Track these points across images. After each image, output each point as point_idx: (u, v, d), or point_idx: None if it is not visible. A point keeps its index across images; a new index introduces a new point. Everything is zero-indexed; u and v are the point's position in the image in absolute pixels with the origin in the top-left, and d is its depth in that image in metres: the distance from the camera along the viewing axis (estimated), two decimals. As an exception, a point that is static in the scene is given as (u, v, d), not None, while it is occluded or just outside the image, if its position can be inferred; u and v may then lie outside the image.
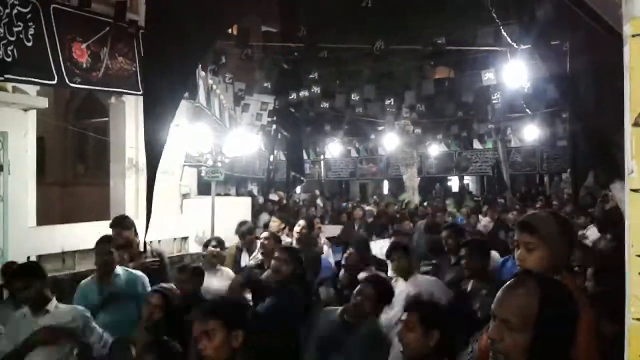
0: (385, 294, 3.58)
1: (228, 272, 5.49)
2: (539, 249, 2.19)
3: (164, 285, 3.75)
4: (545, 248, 2.17)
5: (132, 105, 7.92)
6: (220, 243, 5.64)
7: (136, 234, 5.28)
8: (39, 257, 6.10)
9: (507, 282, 1.67)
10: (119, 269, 4.40)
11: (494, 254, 5.66)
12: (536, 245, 2.19)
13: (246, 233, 6.34)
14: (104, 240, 4.45)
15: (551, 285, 1.65)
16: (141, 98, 7.51)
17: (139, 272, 4.51)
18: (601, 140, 4.23)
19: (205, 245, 5.76)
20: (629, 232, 1.24)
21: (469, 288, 3.91)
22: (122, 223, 5.22)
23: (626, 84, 1.26)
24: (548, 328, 1.54)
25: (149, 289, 4.15)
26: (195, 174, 9.35)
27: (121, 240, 5.02)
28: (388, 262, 4.45)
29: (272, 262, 4.14)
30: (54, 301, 3.55)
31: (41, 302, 3.48)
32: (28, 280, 3.47)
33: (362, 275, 4.11)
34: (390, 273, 4.37)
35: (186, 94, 7.58)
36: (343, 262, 5.03)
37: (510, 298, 1.61)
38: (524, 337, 1.56)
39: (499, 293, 1.65)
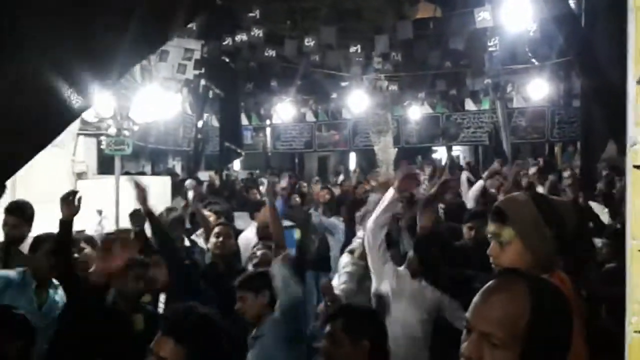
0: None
1: None
2: (512, 242, 2.25)
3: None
4: (520, 241, 2.23)
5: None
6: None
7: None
8: None
9: (487, 284, 1.66)
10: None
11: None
12: (508, 237, 2.26)
13: (176, 223, 6.35)
14: None
15: (543, 288, 1.64)
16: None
17: None
18: (621, 99, 4.33)
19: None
20: (630, 221, 1.26)
21: None
22: (26, 213, 5.20)
23: (630, 29, 1.29)
24: (541, 343, 1.55)
25: None
26: (94, 147, 9.19)
27: (18, 235, 5.07)
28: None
29: None
30: None
31: None
32: None
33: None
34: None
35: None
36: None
37: (493, 305, 1.59)
38: (510, 355, 1.55)
39: (476, 298, 1.64)
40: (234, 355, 3.35)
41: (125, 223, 7.49)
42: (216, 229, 5.42)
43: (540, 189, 9.29)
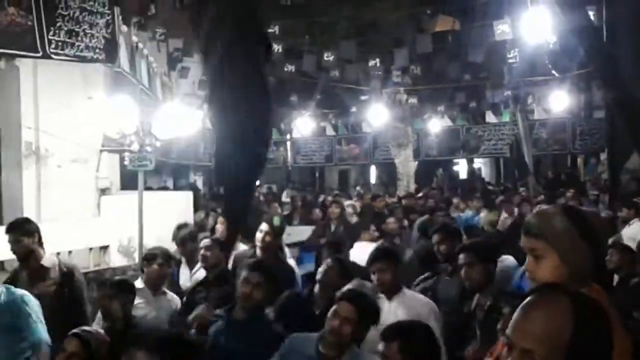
0: (369, 314, 3.58)
1: (174, 298, 5.46)
2: (548, 256, 2.22)
3: (85, 328, 3.83)
4: (556, 255, 2.21)
5: (28, 71, 7.79)
6: (167, 259, 5.58)
7: (40, 243, 5.27)
8: None
9: (527, 300, 1.64)
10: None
11: (510, 259, 5.83)
12: (543, 251, 2.23)
13: (187, 240, 6.32)
14: None
15: (585, 303, 1.62)
16: (42, 63, 7.42)
17: (21, 291, 4.57)
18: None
19: (147, 259, 5.66)
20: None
21: (473, 305, 4.05)
22: (23, 228, 5.20)
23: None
24: (584, 359, 1.54)
25: (37, 313, 4.37)
26: (117, 163, 9.25)
27: (20, 251, 5.09)
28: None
29: (241, 286, 4.11)
30: None
31: None
32: None
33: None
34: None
35: (102, 56, 7.49)
36: (319, 277, 5.05)
37: (534, 321, 1.58)
38: None
39: (516, 314, 1.62)
40: None
41: (149, 238, 7.54)
42: (262, 226, 5.62)
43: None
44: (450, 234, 5.39)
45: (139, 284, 5.49)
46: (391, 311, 4.24)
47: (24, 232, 5.21)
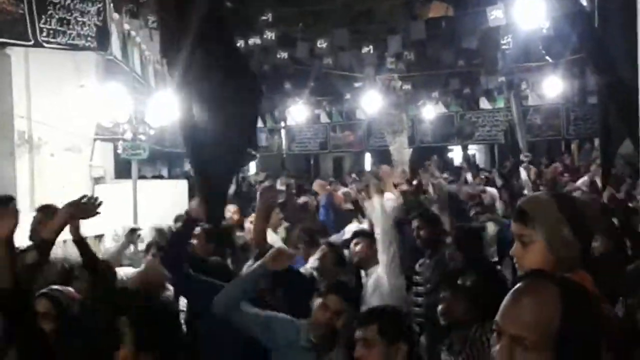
0: (354, 302, 3.75)
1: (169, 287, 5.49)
2: (536, 242, 2.24)
3: (53, 287, 3.77)
4: (543, 241, 2.22)
5: (20, 60, 7.75)
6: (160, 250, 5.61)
7: None
8: None
9: (516, 287, 1.64)
10: None
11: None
12: (531, 237, 2.25)
13: None
14: None
15: (573, 289, 1.62)
16: (34, 51, 7.39)
17: None
18: (634, 97, 4.38)
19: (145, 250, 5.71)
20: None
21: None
22: (51, 212, 5.24)
23: None
24: (574, 344, 1.54)
25: None
26: (111, 151, 9.25)
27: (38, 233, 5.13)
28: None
29: None
30: None
31: None
32: None
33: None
34: None
35: (94, 44, 7.46)
36: (314, 264, 5.10)
37: (524, 308, 1.58)
38: (542, 357, 1.54)
39: (505, 301, 1.62)
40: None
41: (143, 227, 7.53)
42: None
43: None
44: (429, 220, 5.72)
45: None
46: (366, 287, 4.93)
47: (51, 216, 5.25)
